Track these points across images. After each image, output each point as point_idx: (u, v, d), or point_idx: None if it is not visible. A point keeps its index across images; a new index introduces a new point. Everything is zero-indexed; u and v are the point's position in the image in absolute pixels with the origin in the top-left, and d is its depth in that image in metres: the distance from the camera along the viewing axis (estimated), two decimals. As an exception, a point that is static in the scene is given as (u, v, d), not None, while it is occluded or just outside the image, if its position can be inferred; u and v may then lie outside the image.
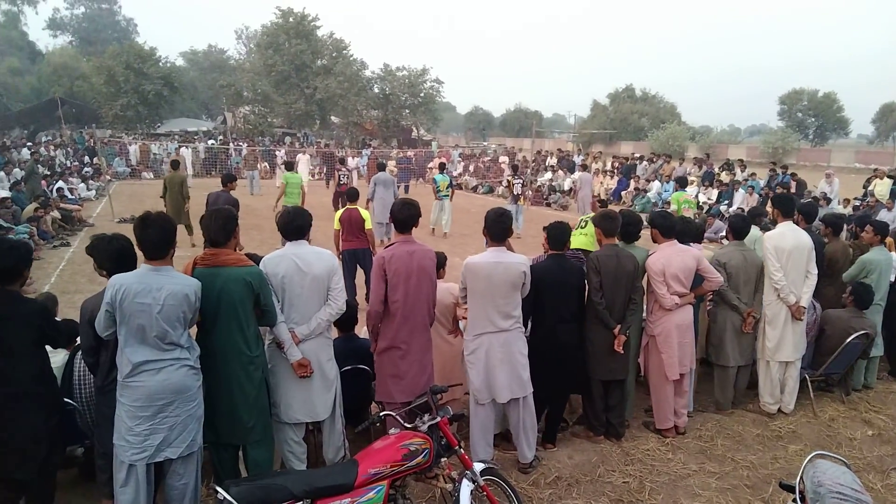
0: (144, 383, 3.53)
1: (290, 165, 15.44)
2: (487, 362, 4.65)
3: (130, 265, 3.81)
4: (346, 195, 9.71)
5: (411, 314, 4.54)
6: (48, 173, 21.30)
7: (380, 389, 4.70)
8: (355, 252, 9.13)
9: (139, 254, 3.80)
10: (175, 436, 3.61)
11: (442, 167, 17.60)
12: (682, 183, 13.78)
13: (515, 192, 15.79)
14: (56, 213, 15.31)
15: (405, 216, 4.62)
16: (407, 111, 46.80)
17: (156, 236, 3.63)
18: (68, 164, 26.51)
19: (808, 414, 6.00)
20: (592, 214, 9.87)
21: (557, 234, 5.13)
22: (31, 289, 8.96)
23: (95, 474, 4.12)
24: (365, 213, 9.16)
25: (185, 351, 3.65)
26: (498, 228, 4.70)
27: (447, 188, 15.81)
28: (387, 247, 4.64)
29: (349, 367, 4.80)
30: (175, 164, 13.82)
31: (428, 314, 4.66)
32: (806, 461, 3.18)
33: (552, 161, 30.54)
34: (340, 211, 9.34)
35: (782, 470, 4.97)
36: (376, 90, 46.51)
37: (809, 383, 6.08)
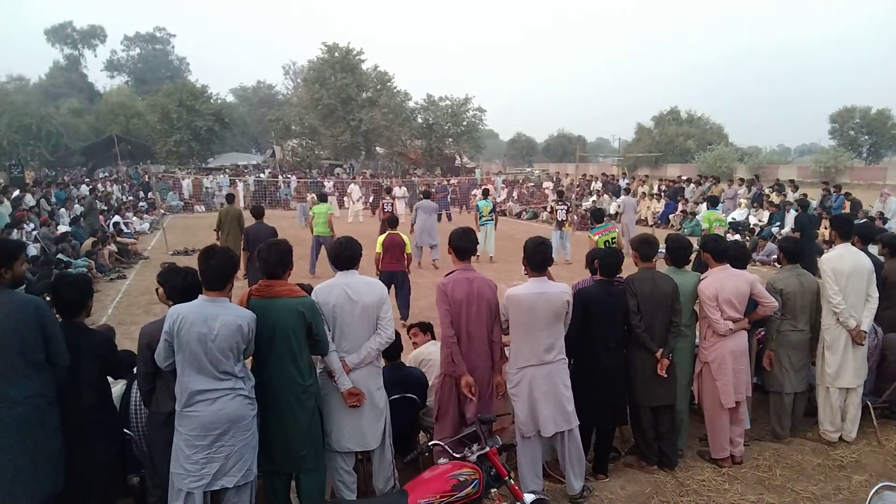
0: (201, 413, 3.62)
1: (324, 197, 15.80)
2: (531, 395, 4.60)
3: (195, 297, 3.93)
4: (388, 222, 10.80)
5: (472, 341, 4.54)
6: (105, 208, 22.09)
7: (441, 416, 4.68)
8: (394, 273, 9.83)
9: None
10: (231, 465, 3.68)
11: (486, 193, 17.72)
12: (713, 202, 13.56)
13: (559, 219, 15.79)
14: (113, 247, 15.84)
15: (465, 244, 4.66)
16: (450, 140, 47.13)
17: (218, 268, 3.77)
18: (124, 199, 27.44)
19: (872, 442, 5.77)
20: (614, 233, 10.33)
21: (612, 262, 5.10)
22: (88, 321, 9.25)
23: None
24: (406, 238, 10.04)
25: (239, 381, 3.74)
26: (538, 258, 4.66)
27: (490, 213, 15.92)
28: (447, 275, 4.66)
29: (397, 396, 4.81)
30: (230, 198, 14.19)
31: (488, 341, 4.62)
32: (872, 492, 3.07)
33: (597, 185, 30.35)
34: (384, 235, 10.14)
35: (846, 502, 4.78)
36: (420, 120, 47.04)
37: (872, 410, 5.85)
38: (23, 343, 3.57)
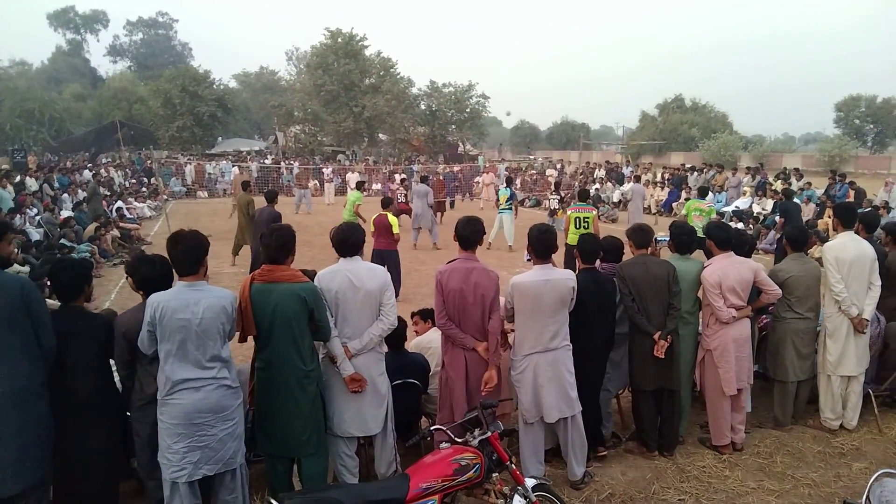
0: (182, 401, 3.61)
1: (360, 185, 15.87)
2: (535, 382, 4.61)
3: (168, 286, 3.92)
4: (381, 202, 11.57)
5: (465, 329, 4.52)
6: (108, 193, 22.08)
7: (441, 407, 4.70)
8: (381, 252, 10.63)
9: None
10: (213, 454, 3.68)
11: (509, 181, 17.88)
12: (702, 192, 14.30)
13: (552, 207, 16.81)
14: (116, 232, 15.83)
15: (468, 233, 4.60)
16: (453, 127, 47.04)
17: (186, 254, 3.75)
18: (127, 185, 27.41)
19: (873, 430, 5.78)
20: (589, 214, 10.82)
21: (590, 249, 5.09)
22: (91, 305, 9.28)
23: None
24: (392, 219, 10.73)
25: (224, 369, 3.73)
26: (542, 246, 4.64)
27: (507, 202, 16.15)
28: (448, 262, 4.65)
29: (399, 381, 4.82)
30: (245, 185, 14.39)
31: (481, 331, 4.56)
32: (872, 479, 3.07)
33: (600, 173, 30.28)
34: (374, 216, 10.85)
35: (846, 489, 4.80)
36: (423, 107, 46.93)
37: (874, 398, 5.86)
38: (12, 323, 3.53)
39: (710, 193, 22.48)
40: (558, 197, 17.32)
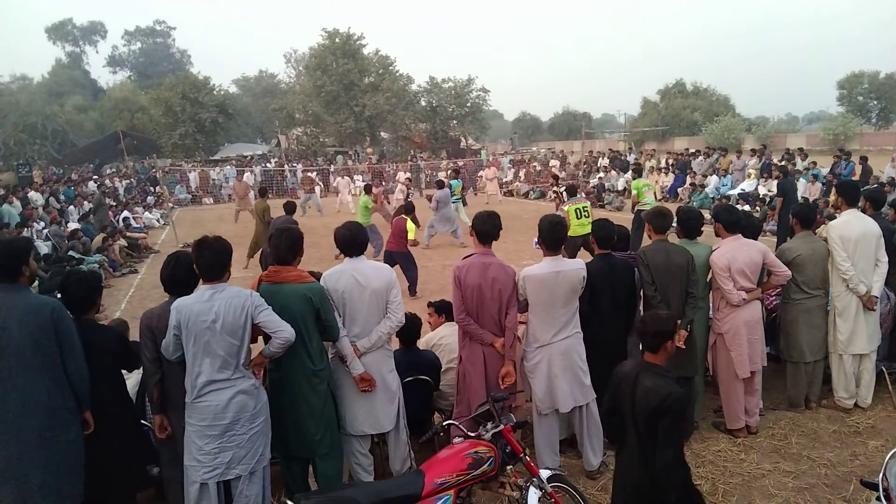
0: (210, 402, 3.64)
1: (368, 188, 15.84)
2: (549, 372, 4.61)
3: (187, 288, 3.94)
4: (404, 209, 12.38)
5: (484, 326, 4.53)
6: (114, 204, 22.18)
7: (458, 402, 4.71)
8: (391, 253, 10.90)
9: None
10: (244, 453, 3.70)
11: (457, 173, 18.58)
12: (638, 171, 15.33)
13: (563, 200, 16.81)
14: (123, 242, 15.91)
15: (487, 228, 4.61)
16: (454, 122, 46.95)
17: (211, 259, 3.76)
18: (133, 195, 27.52)
19: (888, 408, 5.75)
20: (586, 203, 11.46)
21: (603, 233, 5.09)
22: (102, 315, 9.31)
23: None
24: (410, 226, 11.27)
25: (250, 369, 3.76)
26: (553, 238, 4.64)
27: (461, 192, 17.59)
28: (465, 258, 4.66)
29: (410, 378, 4.83)
30: (263, 192, 14.75)
31: (498, 326, 4.57)
32: (888, 457, 3.06)
33: (604, 162, 30.18)
34: (393, 217, 11.67)
35: (863, 467, 4.78)
36: (423, 103, 46.81)
37: (887, 376, 5.84)
38: (37, 346, 3.53)
39: (718, 177, 22.51)
40: (563, 188, 17.84)
